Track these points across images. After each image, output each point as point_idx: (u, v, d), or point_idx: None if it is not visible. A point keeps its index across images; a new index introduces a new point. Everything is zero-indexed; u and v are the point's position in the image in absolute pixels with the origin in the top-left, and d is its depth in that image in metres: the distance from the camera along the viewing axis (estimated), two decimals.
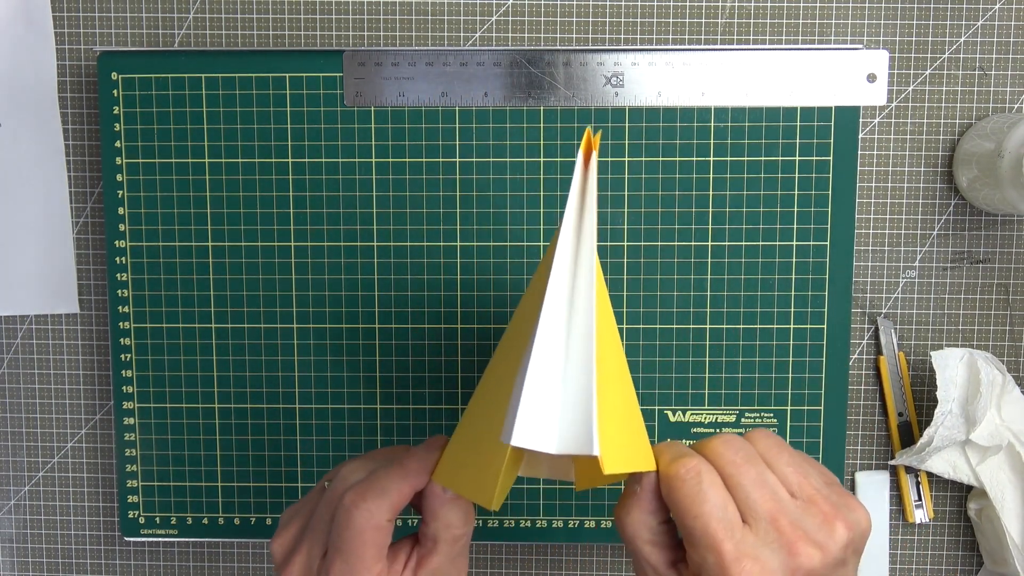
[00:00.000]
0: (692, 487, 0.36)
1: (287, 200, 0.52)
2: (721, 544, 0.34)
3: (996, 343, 0.54)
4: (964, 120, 0.52)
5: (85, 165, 0.54)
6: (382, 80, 0.51)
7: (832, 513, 0.36)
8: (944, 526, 0.55)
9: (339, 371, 0.53)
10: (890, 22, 0.52)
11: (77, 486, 0.56)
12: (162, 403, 0.53)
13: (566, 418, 0.33)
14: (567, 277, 0.35)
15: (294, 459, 0.53)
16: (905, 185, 0.53)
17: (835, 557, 0.35)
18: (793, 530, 0.35)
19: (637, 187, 0.51)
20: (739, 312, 0.52)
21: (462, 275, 0.52)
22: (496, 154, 0.51)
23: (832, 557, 0.35)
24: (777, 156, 0.51)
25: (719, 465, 0.36)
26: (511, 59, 0.50)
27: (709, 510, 0.35)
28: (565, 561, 0.56)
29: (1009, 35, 0.52)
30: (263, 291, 0.52)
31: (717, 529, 0.35)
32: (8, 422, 0.56)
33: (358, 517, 0.37)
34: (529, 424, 0.32)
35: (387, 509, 0.38)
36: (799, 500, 0.36)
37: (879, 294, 0.53)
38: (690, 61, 0.50)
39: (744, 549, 0.34)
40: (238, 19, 0.53)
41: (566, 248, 0.35)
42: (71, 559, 0.56)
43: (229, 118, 0.51)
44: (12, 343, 0.55)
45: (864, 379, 0.54)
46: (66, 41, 0.53)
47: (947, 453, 0.52)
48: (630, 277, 0.52)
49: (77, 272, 0.54)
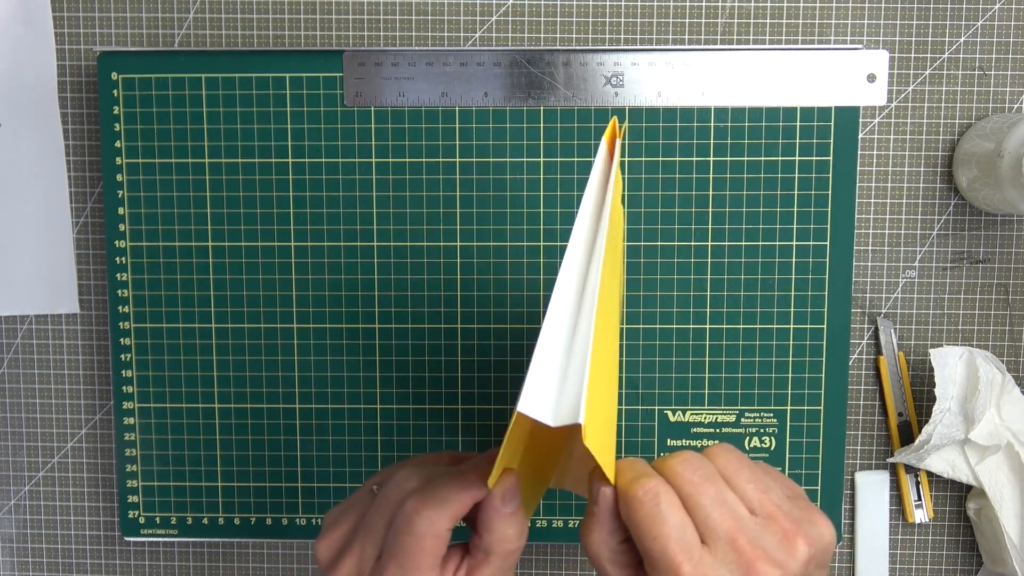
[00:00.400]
0: (650, 509, 0.35)
1: (287, 200, 0.52)
2: (680, 567, 0.34)
3: (996, 343, 0.54)
4: (964, 120, 0.52)
5: (85, 165, 0.54)
6: (382, 80, 0.51)
7: (793, 529, 0.36)
8: (944, 526, 0.55)
9: (339, 371, 0.53)
10: (890, 22, 0.52)
11: (77, 486, 0.56)
12: (162, 403, 0.53)
13: (565, 393, 0.34)
14: (582, 262, 0.36)
15: (294, 459, 0.53)
16: (905, 185, 0.53)
17: (795, 574, 0.35)
18: (752, 549, 0.35)
19: (637, 187, 0.51)
20: (739, 312, 0.52)
21: (462, 275, 0.52)
22: (496, 154, 0.51)
23: (792, 574, 0.35)
24: (777, 156, 0.51)
25: (677, 485, 0.36)
26: (511, 59, 0.50)
27: (668, 532, 0.35)
28: (565, 561, 0.56)
29: (1009, 35, 0.52)
30: (263, 291, 0.52)
31: (675, 551, 0.35)
32: (8, 422, 0.56)
33: (419, 524, 0.37)
34: (534, 395, 0.33)
35: (448, 518, 0.37)
36: (759, 517, 0.36)
37: (879, 294, 0.53)
38: (690, 61, 0.50)
39: (702, 571, 0.35)
40: (238, 19, 0.53)
41: (583, 234, 0.36)
42: (71, 559, 0.56)
43: (229, 118, 0.51)
44: (12, 343, 0.55)
45: (864, 379, 0.54)
46: (66, 41, 0.53)
47: (946, 452, 0.52)
48: (630, 277, 0.52)
49: (77, 272, 0.54)
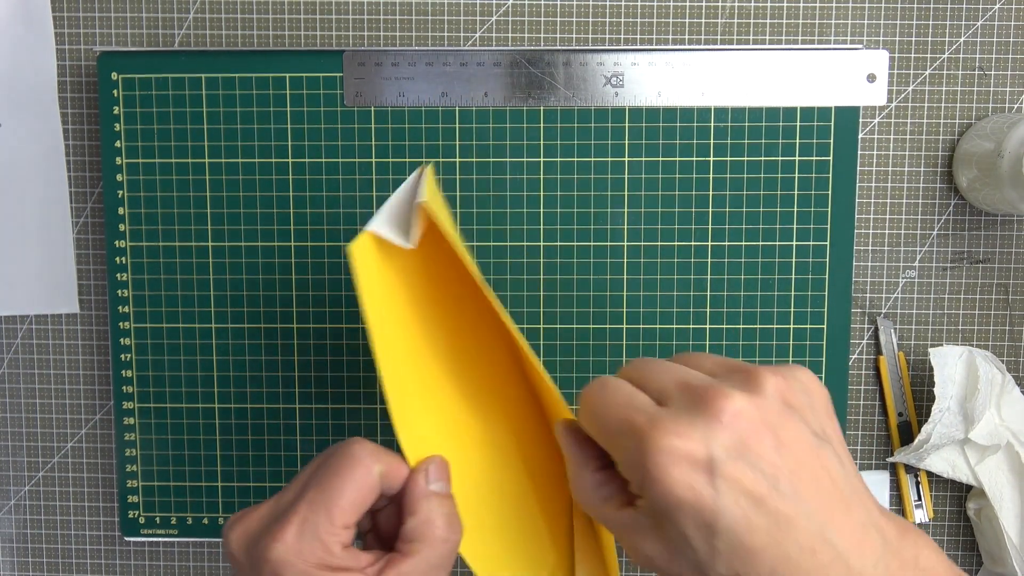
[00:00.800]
0: (597, 396, 0.34)
1: (287, 200, 0.52)
2: (639, 425, 0.31)
3: (996, 343, 0.54)
4: (964, 120, 0.52)
5: (85, 165, 0.54)
6: (382, 80, 0.51)
7: (758, 369, 0.32)
8: (944, 526, 0.55)
9: (339, 371, 0.53)
10: (890, 22, 0.52)
11: (77, 486, 0.56)
12: (162, 403, 0.53)
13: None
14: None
15: (294, 459, 0.53)
16: (905, 185, 0.53)
17: (770, 400, 0.31)
18: (710, 387, 0.31)
19: (637, 187, 0.51)
20: (739, 312, 0.52)
21: None
22: (496, 154, 0.51)
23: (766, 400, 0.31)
24: (777, 156, 0.51)
25: (626, 375, 0.34)
26: (511, 59, 0.50)
27: (618, 402, 0.32)
28: None
29: (1009, 35, 0.52)
30: (263, 291, 0.52)
31: (627, 414, 0.32)
32: (8, 422, 0.56)
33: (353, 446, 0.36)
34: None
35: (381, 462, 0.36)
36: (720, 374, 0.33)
37: (879, 294, 0.53)
38: (690, 61, 0.50)
39: (660, 419, 0.31)
40: (238, 19, 0.53)
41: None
42: (71, 559, 0.56)
43: (229, 118, 0.51)
44: (12, 343, 0.55)
45: (864, 379, 0.54)
46: (66, 41, 0.53)
47: (946, 452, 0.52)
48: (630, 277, 0.52)
49: (77, 272, 0.54)
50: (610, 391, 0.33)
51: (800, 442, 0.31)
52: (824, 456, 0.31)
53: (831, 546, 0.30)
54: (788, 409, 0.32)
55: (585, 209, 0.51)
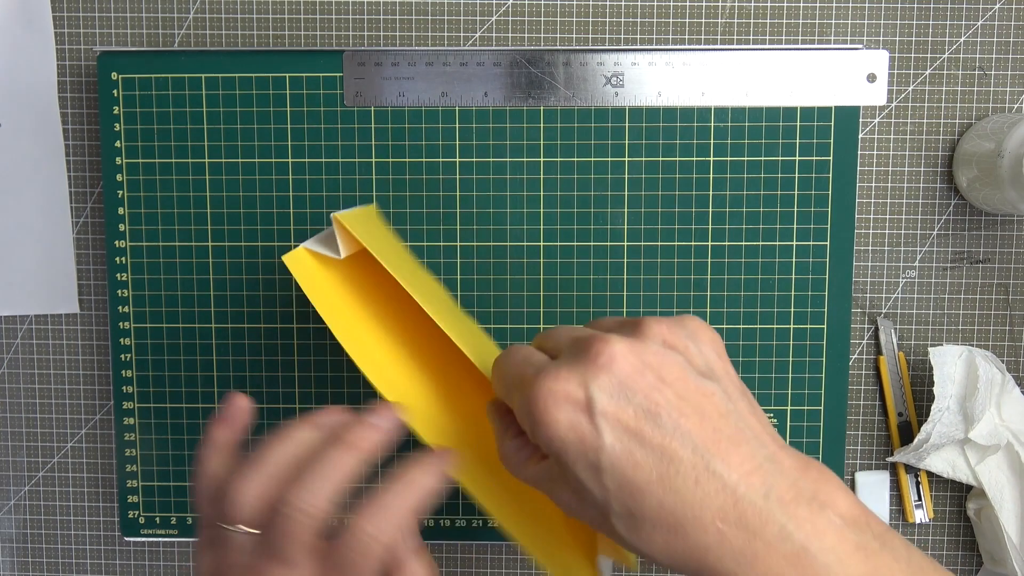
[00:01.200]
0: (501, 359, 0.35)
1: (287, 200, 0.52)
2: (524, 375, 0.33)
3: (996, 343, 0.54)
4: (964, 120, 0.52)
5: (85, 165, 0.54)
6: (382, 80, 0.51)
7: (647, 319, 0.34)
8: (944, 526, 0.55)
9: (339, 371, 0.53)
10: (890, 22, 0.52)
11: (77, 486, 0.56)
12: (162, 403, 0.53)
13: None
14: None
15: None
16: (905, 185, 0.53)
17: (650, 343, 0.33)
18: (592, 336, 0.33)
19: (637, 187, 0.51)
20: (739, 312, 0.52)
21: (462, 275, 0.52)
22: (496, 154, 0.51)
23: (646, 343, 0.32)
24: (777, 156, 0.51)
25: (535, 340, 0.36)
26: (511, 59, 0.50)
27: (513, 361, 0.35)
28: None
29: (1009, 35, 0.52)
30: (263, 291, 0.52)
31: (521, 369, 0.34)
32: (8, 422, 0.56)
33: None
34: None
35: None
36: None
37: (879, 294, 0.53)
38: (690, 61, 0.50)
39: (544, 367, 0.33)
40: (238, 19, 0.53)
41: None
42: (71, 559, 0.56)
43: (229, 118, 0.51)
44: (12, 343, 0.55)
45: (864, 379, 0.54)
46: (66, 41, 0.53)
47: (946, 452, 0.52)
48: (630, 277, 0.52)
49: (77, 272, 0.54)
50: (512, 353, 0.35)
51: (681, 380, 0.32)
52: (708, 391, 0.33)
53: (717, 476, 0.31)
54: (669, 351, 0.33)
55: (585, 209, 0.51)
